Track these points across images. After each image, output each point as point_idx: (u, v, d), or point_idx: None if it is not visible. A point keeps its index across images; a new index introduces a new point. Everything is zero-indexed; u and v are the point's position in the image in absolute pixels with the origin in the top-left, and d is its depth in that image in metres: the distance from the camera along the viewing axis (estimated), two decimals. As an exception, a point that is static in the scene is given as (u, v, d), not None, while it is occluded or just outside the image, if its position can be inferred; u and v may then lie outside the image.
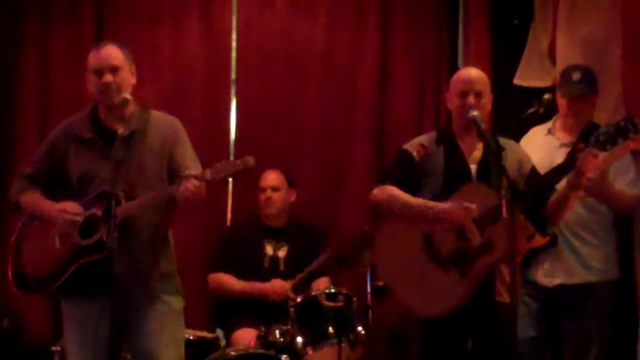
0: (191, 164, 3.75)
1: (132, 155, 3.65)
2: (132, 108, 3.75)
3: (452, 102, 4.00)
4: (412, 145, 4.06)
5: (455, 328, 3.87)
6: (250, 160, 3.51)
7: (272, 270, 5.05)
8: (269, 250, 5.09)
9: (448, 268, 3.84)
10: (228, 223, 5.58)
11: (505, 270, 3.78)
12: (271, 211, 5.10)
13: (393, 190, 3.98)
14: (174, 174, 3.72)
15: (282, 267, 5.07)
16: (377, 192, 4.04)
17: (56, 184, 3.79)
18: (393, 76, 5.74)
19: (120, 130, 3.56)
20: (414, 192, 3.97)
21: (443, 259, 3.87)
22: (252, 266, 5.03)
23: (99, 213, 3.58)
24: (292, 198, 5.20)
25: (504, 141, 3.97)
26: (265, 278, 4.98)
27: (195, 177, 3.49)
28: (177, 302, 3.83)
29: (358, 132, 5.69)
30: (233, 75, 5.67)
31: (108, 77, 3.66)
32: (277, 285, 4.88)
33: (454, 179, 3.92)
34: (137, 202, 3.61)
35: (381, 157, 5.63)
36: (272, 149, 5.51)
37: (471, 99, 3.87)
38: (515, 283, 3.47)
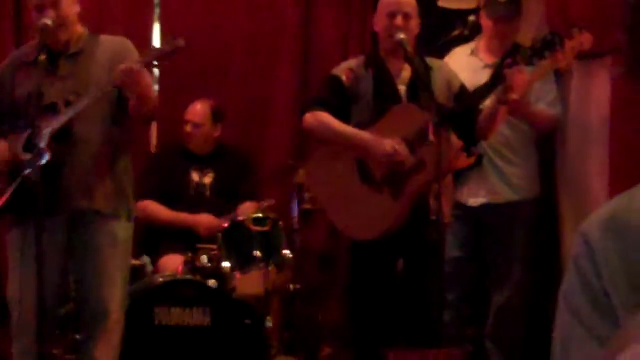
0: None
1: (79, 70, 3.62)
2: (78, 32, 3.72)
3: (380, 23, 3.98)
4: (341, 70, 4.04)
5: (385, 249, 3.89)
6: (180, 41, 3.47)
7: (198, 197, 4.98)
8: (195, 177, 5.03)
9: (381, 189, 3.85)
10: (153, 150, 5.50)
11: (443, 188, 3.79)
12: (191, 145, 5.06)
13: (325, 117, 3.96)
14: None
15: (207, 194, 5.02)
16: (308, 117, 4.01)
17: (4, 112, 3.71)
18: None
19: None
20: (345, 117, 3.96)
21: (376, 181, 3.87)
22: (177, 193, 4.97)
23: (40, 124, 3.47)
24: (217, 133, 5.10)
25: (431, 61, 4.00)
26: (191, 205, 4.91)
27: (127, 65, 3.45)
28: (126, 230, 3.77)
29: (283, 56, 5.55)
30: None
31: (47, 18, 3.57)
32: (206, 221, 4.79)
33: (384, 101, 3.92)
34: (72, 106, 3.51)
35: (306, 82, 5.51)
36: (197, 76, 5.40)
37: (399, 20, 3.86)
38: (441, 204, 3.55)
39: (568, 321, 1.16)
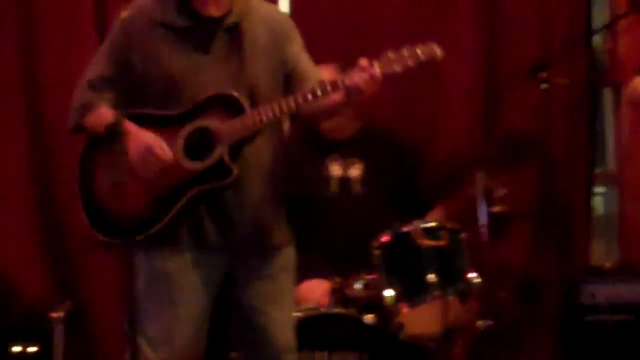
0: (310, 67, 3.33)
1: (240, 52, 3.19)
2: None
3: None
4: None
5: None
6: (438, 50, 3.06)
7: (343, 194, 4.29)
8: (336, 170, 4.34)
9: None
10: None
11: None
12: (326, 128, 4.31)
13: None
14: (290, 77, 3.28)
15: (356, 189, 4.32)
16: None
17: (127, 92, 3.27)
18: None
19: (215, 13, 3.12)
20: None
21: None
22: (313, 196, 4.29)
23: (214, 124, 3.07)
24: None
25: None
26: (334, 206, 4.24)
27: (363, 68, 3.06)
28: (293, 254, 3.44)
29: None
30: None
31: None
32: None
33: None
34: (271, 107, 3.08)
35: (492, 42, 4.60)
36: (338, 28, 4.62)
37: None
38: None
39: None
